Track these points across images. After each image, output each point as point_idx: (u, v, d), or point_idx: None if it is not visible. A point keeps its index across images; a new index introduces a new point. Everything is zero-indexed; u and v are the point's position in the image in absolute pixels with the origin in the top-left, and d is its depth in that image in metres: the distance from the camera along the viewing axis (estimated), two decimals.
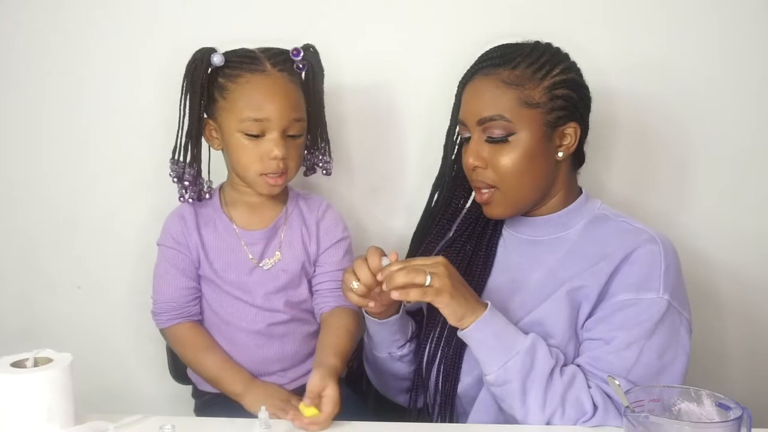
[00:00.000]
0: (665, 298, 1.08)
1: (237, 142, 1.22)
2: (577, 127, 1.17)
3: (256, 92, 1.20)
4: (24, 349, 1.02)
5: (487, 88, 1.15)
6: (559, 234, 1.21)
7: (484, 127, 1.15)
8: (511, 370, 1.06)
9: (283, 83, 1.22)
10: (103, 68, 1.56)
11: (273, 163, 1.21)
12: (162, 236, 1.31)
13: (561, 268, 1.17)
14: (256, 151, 1.21)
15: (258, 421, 1.03)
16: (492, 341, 1.08)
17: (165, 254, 1.29)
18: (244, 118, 1.20)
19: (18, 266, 1.65)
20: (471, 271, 1.24)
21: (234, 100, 1.21)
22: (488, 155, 1.15)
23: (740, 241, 1.53)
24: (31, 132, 1.60)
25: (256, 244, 1.29)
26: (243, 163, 1.23)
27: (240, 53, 1.23)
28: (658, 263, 1.10)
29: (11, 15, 1.55)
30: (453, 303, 1.06)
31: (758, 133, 1.50)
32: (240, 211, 1.30)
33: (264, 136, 1.21)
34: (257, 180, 1.24)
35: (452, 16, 1.50)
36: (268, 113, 1.19)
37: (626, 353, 1.07)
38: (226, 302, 1.28)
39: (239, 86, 1.20)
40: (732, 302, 1.56)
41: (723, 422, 0.85)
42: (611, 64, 1.46)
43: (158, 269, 1.30)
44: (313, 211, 1.34)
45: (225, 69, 1.22)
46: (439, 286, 1.05)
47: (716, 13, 1.46)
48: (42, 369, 0.98)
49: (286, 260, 1.29)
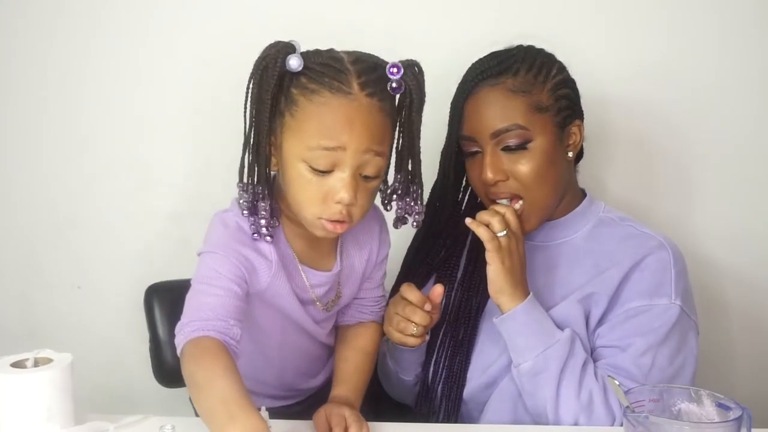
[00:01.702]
0: (677, 304, 1.09)
1: (298, 173, 0.98)
2: (580, 124, 1.18)
3: (335, 118, 0.96)
4: (24, 349, 1.02)
5: (496, 99, 1.12)
6: (565, 238, 1.21)
7: (499, 140, 1.12)
8: (551, 357, 1.07)
9: (369, 110, 0.97)
10: (103, 68, 1.56)
11: (337, 208, 0.99)
12: (213, 244, 1.04)
13: (569, 273, 1.17)
14: (319, 190, 0.98)
15: None
16: (534, 327, 1.09)
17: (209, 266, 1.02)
18: (313, 146, 0.96)
19: (18, 266, 1.65)
20: (476, 277, 1.23)
21: (304, 120, 0.97)
22: (507, 167, 1.13)
23: (742, 242, 1.54)
24: (31, 132, 1.60)
25: (322, 286, 1.12)
26: (300, 201, 1.01)
27: (324, 58, 0.98)
28: (668, 269, 1.11)
29: (11, 16, 1.56)
30: (503, 269, 1.08)
31: (758, 134, 1.50)
32: (298, 244, 1.09)
33: (332, 172, 0.97)
34: (314, 222, 1.01)
35: (443, 22, 1.49)
36: (344, 142, 0.95)
37: (642, 360, 1.07)
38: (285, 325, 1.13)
39: (314, 105, 0.96)
40: (735, 303, 1.56)
41: (723, 422, 0.85)
42: (611, 68, 1.47)
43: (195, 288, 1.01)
44: (368, 231, 1.16)
45: (301, 78, 0.97)
46: (507, 244, 1.08)
47: (716, 16, 1.46)
48: (42, 369, 0.98)
49: (345, 298, 1.17)
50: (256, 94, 0.99)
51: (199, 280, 1.01)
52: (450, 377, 1.20)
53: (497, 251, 1.08)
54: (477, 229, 1.09)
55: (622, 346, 1.09)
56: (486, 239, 1.08)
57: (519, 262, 1.11)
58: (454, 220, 1.26)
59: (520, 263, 1.11)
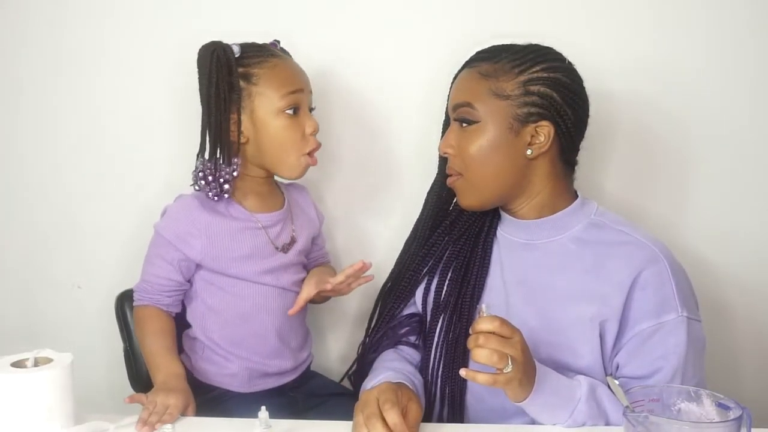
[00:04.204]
0: (684, 315, 1.10)
1: (279, 124, 1.24)
2: (550, 127, 1.15)
3: (286, 69, 1.26)
4: (24, 349, 1.02)
5: (465, 78, 1.20)
6: (552, 238, 1.20)
7: (456, 115, 1.19)
8: (579, 418, 1.05)
9: (294, 64, 1.29)
10: (103, 68, 1.56)
11: (312, 139, 1.26)
12: (164, 226, 1.27)
13: (558, 273, 1.17)
14: (297, 130, 1.24)
15: (258, 421, 1.03)
16: (552, 400, 1.05)
17: (158, 244, 1.27)
18: (284, 93, 1.23)
19: (18, 266, 1.65)
20: (469, 270, 1.24)
21: (267, 81, 1.23)
22: (456, 142, 1.19)
23: (741, 242, 1.53)
24: (31, 132, 1.60)
25: (274, 225, 1.31)
26: (285, 148, 1.25)
27: (250, 44, 1.26)
28: (668, 283, 1.11)
29: (11, 17, 1.55)
30: (519, 388, 1.01)
31: (758, 132, 1.50)
32: (251, 200, 1.30)
33: (299, 112, 1.25)
34: (299, 161, 1.26)
35: (446, 17, 1.49)
36: (300, 84, 1.25)
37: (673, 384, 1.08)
38: (248, 289, 1.28)
39: (268, 69, 1.23)
40: (734, 303, 1.56)
41: (722, 422, 0.85)
42: (609, 65, 1.46)
43: (149, 253, 1.30)
44: (302, 194, 1.42)
45: (244, 59, 1.23)
46: (513, 375, 0.99)
47: (716, 12, 1.46)
48: (42, 369, 0.98)
49: (301, 243, 1.34)
50: (212, 82, 1.21)
51: (150, 250, 1.29)
52: (450, 378, 1.20)
53: (508, 383, 0.99)
54: (476, 378, 0.99)
55: (648, 374, 1.10)
56: (491, 383, 0.99)
57: (528, 363, 1.02)
58: (441, 214, 1.32)
59: (528, 362, 1.02)
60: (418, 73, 1.51)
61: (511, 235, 1.24)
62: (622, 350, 1.12)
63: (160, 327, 1.26)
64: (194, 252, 1.25)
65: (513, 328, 1.01)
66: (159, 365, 1.21)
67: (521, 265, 1.21)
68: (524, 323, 1.14)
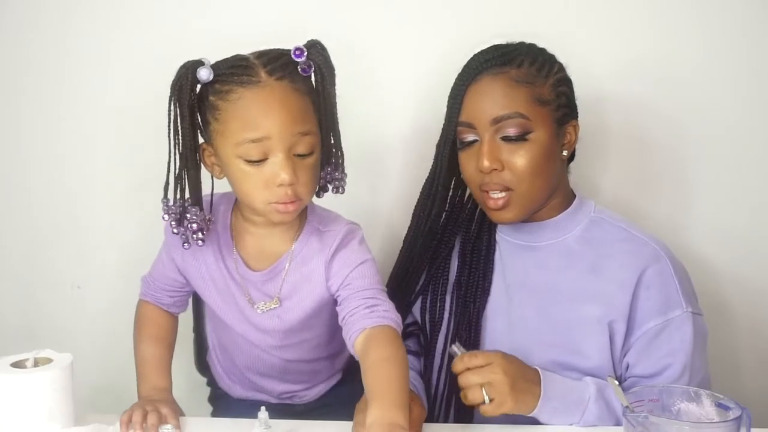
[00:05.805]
0: (689, 311, 1.12)
1: (237, 169, 1.03)
2: (576, 124, 1.17)
3: (251, 109, 1.01)
4: (24, 349, 1.02)
5: (499, 87, 1.11)
6: (557, 239, 1.20)
7: (498, 127, 1.11)
8: (590, 419, 1.06)
9: (282, 94, 1.02)
10: (104, 68, 1.56)
11: (281, 191, 1.02)
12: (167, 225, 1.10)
13: (564, 274, 1.17)
14: (260, 178, 1.03)
15: (258, 421, 1.03)
16: (561, 406, 1.06)
17: (165, 240, 1.20)
18: (240, 140, 1.01)
19: (18, 266, 1.65)
20: (472, 275, 1.23)
21: (226, 121, 1.02)
22: (504, 157, 1.11)
23: (739, 241, 1.53)
24: (31, 133, 1.60)
25: (254, 282, 1.15)
26: (246, 192, 1.05)
27: (230, 62, 1.04)
28: (671, 280, 1.12)
29: (14, 18, 1.56)
30: (518, 405, 1.03)
31: (755, 132, 1.50)
32: (245, 243, 1.15)
33: (267, 159, 1.02)
34: (267, 209, 1.05)
35: (442, 16, 1.49)
36: (267, 131, 1.00)
37: (681, 380, 1.09)
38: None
39: (231, 104, 1.01)
40: (734, 302, 1.56)
41: (722, 422, 0.85)
42: (605, 66, 1.46)
43: (160, 252, 1.23)
44: (325, 249, 1.12)
45: (215, 84, 1.03)
46: (501, 400, 1.01)
47: (711, 13, 1.46)
48: (42, 369, 0.98)
49: (289, 308, 1.14)
50: (177, 112, 1.05)
51: (160, 249, 1.22)
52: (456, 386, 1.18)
53: (500, 407, 1.02)
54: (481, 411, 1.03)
55: (657, 371, 1.11)
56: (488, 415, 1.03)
57: (519, 377, 1.04)
58: (441, 218, 1.26)
59: (520, 376, 1.04)
60: (417, 73, 1.50)
61: (513, 237, 1.23)
62: (632, 349, 1.13)
63: (156, 333, 1.21)
64: (177, 263, 1.19)
65: (487, 354, 1.04)
66: (146, 376, 1.17)
67: (523, 267, 1.21)
68: (528, 326, 1.14)
